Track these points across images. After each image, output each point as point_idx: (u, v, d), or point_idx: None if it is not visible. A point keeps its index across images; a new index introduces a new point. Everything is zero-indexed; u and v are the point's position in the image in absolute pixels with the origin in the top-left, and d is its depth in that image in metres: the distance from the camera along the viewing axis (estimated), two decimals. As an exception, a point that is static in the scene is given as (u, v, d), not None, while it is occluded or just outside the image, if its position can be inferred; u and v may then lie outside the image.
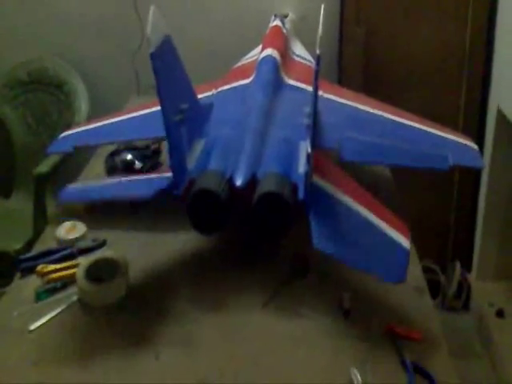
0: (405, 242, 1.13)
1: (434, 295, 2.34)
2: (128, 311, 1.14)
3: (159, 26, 1.12)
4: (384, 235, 1.14)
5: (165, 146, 1.50)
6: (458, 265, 2.43)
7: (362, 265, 1.10)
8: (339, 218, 1.16)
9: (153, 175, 1.40)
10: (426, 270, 2.39)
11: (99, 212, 1.44)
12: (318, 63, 1.05)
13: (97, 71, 2.42)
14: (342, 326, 1.10)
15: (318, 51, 1.03)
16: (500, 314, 2.20)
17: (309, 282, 1.21)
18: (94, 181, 1.55)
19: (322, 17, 1.10)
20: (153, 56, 1.05)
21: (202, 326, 1.11)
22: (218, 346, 1.07)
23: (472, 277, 2.41)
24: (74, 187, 1.48)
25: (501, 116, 2.07)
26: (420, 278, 1.23)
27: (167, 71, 1.14)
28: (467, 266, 2.44)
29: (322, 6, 1.15)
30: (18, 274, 1.24)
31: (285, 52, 1.72)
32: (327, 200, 1.18)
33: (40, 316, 1.12)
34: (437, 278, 2.43)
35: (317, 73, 1.08)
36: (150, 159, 1.59)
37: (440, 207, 2.46)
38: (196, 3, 2.36)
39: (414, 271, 1.23)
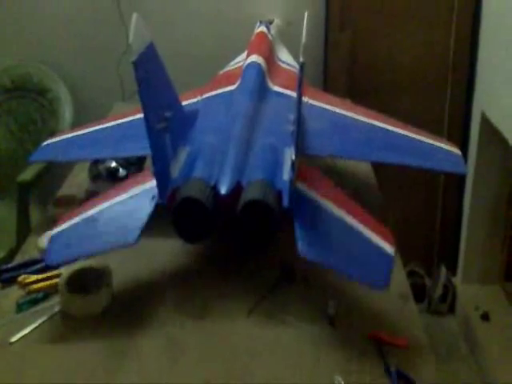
0: (389, 247, 1.13)
1: (419, 299, 2.36)
2: (111, 321, 1.13)
3: (142, 33, 1.11)
4: (367, 241, 1.14)
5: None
6: (443, 268, 2.44)
7: (346, 271, 1.10)
8: (323, 225, 1.16)
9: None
10: (412, 274, 2.41)
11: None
12: (301, 70, 1.05)
13: (81, 77, 2.41)
14: (327, 332, 1.10)
15: (301, 59, 1.03)
16: (485, 317, 2.22)
17: (294, 289, 1.21)
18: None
19: (306, 24, 1.10)
20: (135, 64, 1.04)
21: (186, 334, 1.10)
22: (203, 353, 1.06)
23: (457, 280, 2.43)
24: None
25: (485, 121, 2.09)
26: (404, 284, 1.24)
27: (150, 79, 1.13)
28: (453, 270, 2.45)
29: (306, 14, 1.15)
30: (-1, 285, 1.23)
31: (270, 58, 1.72)
32: (311, 206, 1.18)
33: (21, 328, 1.11)
34: (422, 281, 2.45)
35: (300, 80, 1.08)
36: (135, 166, 1.58)
37: (425, 211, 2.48)
38: (180, 10, 2.35)
39: (399, 277, 1.24)
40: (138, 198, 1.23)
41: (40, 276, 1.21)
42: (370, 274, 1.10)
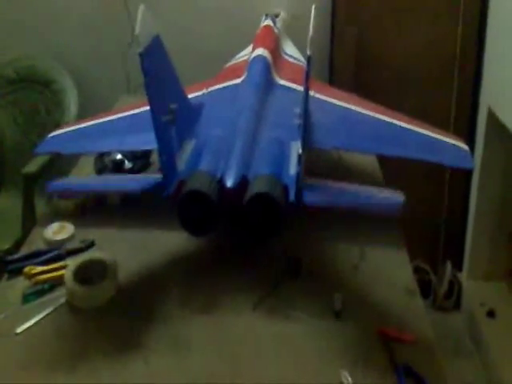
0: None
1: (425, 295, 2.35)
2: (117, 313, 1.13)
3: (148, 25, 1.10)
4: None
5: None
6: (449, 264, 2.44)
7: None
8: None
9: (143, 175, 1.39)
10: (418, 270, 2.40)
11: (89, 211, 1.43)
12: (308, 64, 1.05)
13: (86, 69, 2.40)
14: (333, 327, 1.09)
15: (308, 52, 1.02)
16: (491, 314, 2.21)
17: (300, 284, 1.20)
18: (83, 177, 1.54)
19: (313, 18, 1.09)
20: (142, 56, 1.04)
21: (191, 327, 1.10)
22: (208, 347, 1.06)
23: (463, 276, 2.42)
24: (62, 181, 1.45)
25: (491, 116, 2.08)
26: (411, 279, 1.23)
27: (156, 71, 1.12)
28: (458, 266, 2.44)
29: (313, 7, 1.14)
30: (5, 276, 1.23)
31: (276, 52, 1.71)
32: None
33: (27, 318, 1.11)
34: (428, 277, 2.44)
35: (307, 73, 1.07)
36: (140, 159, 1.58)
37: (431, 207, 2.47)
38: (187, 2, 2.34)
39: (406, 273, 1.24)
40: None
41: (46, 267, 1.21)
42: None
